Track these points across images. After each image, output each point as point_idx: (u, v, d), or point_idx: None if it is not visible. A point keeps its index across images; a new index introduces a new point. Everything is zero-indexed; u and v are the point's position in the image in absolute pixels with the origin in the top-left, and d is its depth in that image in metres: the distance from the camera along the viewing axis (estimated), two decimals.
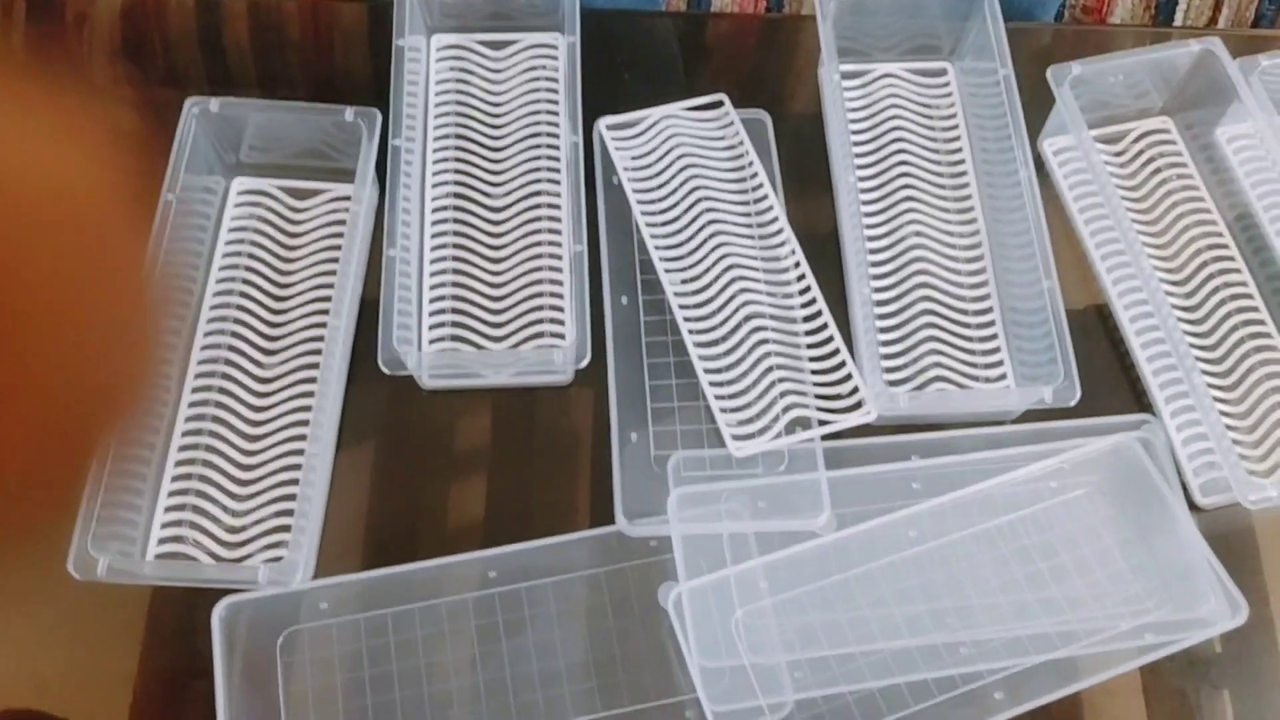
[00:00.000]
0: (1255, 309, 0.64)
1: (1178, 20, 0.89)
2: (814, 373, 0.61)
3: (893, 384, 0.61)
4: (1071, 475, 0.56)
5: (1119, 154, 0.71)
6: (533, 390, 0.61)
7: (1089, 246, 0.67)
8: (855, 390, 0.60)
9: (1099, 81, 0.67)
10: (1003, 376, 0.62)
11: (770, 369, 0.61)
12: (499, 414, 0.61)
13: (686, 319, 0.62)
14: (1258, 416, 0.61)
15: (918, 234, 0.67)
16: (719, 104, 0.69)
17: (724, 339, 0.62)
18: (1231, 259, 0.66)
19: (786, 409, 0.59)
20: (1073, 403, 0.56)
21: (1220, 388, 0.62)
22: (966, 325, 0.64)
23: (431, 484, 0.59)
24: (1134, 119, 0.71)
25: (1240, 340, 0.63)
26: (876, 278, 0.65)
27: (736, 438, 0.58)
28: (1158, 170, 0.70)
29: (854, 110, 0.71)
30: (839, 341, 0.61)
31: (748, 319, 0.62)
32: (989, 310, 0.64)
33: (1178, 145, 0.70)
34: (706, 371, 0.60)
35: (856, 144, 0.69)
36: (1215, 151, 0.69)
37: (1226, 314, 0.64)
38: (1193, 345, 0.63)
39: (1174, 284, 0.66)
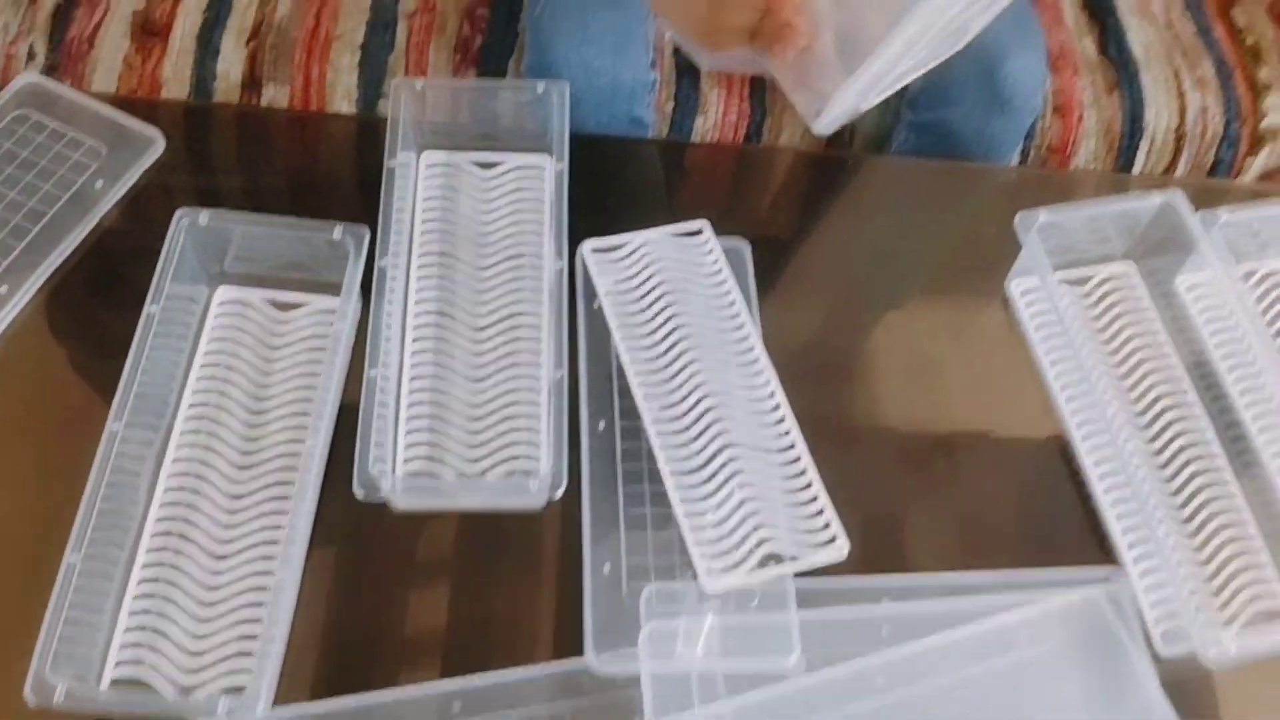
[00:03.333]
0: (1214, 456, 0.66)
1: (1139, 165, 0.93)
2: (788, 506, 0.61)
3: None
4: (1039, 627, 0.56)
5: (1084, 296, 0.73)
6: (506, 515, 0.61)
7: (1054, 390, 0.68)
8: (828, 525, 0.60)
9: (1064, 227, 0.70)
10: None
11: (744, 501, 0.61)
12: (472, 538, 0.61)
13: (663, 447, 0.62)
14: (1216, 566, 0.62)
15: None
16: (700, 231, 0.71)
17: (700, 468, 0.62)
18: (1192, 405, 0.68)
19: (760, 543, 0.59)
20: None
21: (1185, 534, 0.63)
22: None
23: (399, 607, 0.59)
24: (1097, 263, 0.74)
25: (1199, 488, 0.65)
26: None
27: (710, 572, 0.58)
28: (1119, 315, 0.72)
29: None
30: (813, 474, 0.62)
31: (724, 449, 0.62)
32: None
33: (1139, 290, 0.73)
34: (682, 502, 0.61)
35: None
36: (1175, 299, 0.72)
37: (1187, 460, 0.66)
38: (1155, 490, 0.64)
39: (1137, 429, 0.67)
